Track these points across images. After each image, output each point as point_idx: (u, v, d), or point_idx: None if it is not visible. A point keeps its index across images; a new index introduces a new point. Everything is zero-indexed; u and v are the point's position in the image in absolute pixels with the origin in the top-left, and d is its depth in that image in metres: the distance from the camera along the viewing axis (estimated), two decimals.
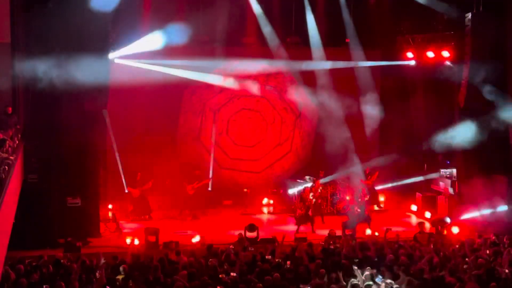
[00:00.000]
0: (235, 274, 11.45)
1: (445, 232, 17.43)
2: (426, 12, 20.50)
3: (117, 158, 20.33)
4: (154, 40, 19.69)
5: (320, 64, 21.73)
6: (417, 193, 21.49)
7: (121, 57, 19.48)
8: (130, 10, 19.54)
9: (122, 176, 20.26)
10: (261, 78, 22.11)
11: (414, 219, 20.43)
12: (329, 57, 21.87)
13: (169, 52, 20.07)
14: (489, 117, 18.69)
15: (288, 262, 12.63)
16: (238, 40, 21.70)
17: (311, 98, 22.01)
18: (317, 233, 18.14)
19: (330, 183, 21.26)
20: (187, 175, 20.82)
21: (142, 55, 19.79)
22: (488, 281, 10.95)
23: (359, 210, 18.73)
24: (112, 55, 18.97)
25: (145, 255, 13.31)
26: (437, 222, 18.04)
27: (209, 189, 21.36)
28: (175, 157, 21.81)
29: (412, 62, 21.79)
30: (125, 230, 17.95)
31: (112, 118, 19.73)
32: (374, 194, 21.64)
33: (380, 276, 11.34)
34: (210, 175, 21.51)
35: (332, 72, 21.76)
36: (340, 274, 11.35)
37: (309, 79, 21.95)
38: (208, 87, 21.94)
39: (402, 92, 22.14)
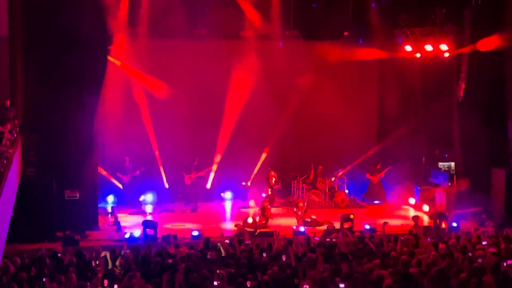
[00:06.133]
0: (233, 271, 11.37)
1: (443, 225, 17.42)
2: (424, 5, 20.42)
3: None
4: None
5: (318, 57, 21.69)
6: (415, 186, 21.52)
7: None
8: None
9: None
10: None
11: (412, 213, 20.44)
12: (327, 51, 21.80)
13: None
14: (487, 110, 18.73)
15: (284, 256, 12.59)
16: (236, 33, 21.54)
17: None
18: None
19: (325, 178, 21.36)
20: (185, 164, 20.75)
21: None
22: (487, 273, 10.93)
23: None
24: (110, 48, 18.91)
25: (144, 248, 13.29)
26: (435, 216, 18.03)
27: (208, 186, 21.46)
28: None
29: (411, 55, 21.74)
30: (123, 224, 17.92)
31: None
32: (380, 190, 21.82)
33: None
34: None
35: (330, 65, 21.70)
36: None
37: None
38: None
39: (401, 85, 22.12)
